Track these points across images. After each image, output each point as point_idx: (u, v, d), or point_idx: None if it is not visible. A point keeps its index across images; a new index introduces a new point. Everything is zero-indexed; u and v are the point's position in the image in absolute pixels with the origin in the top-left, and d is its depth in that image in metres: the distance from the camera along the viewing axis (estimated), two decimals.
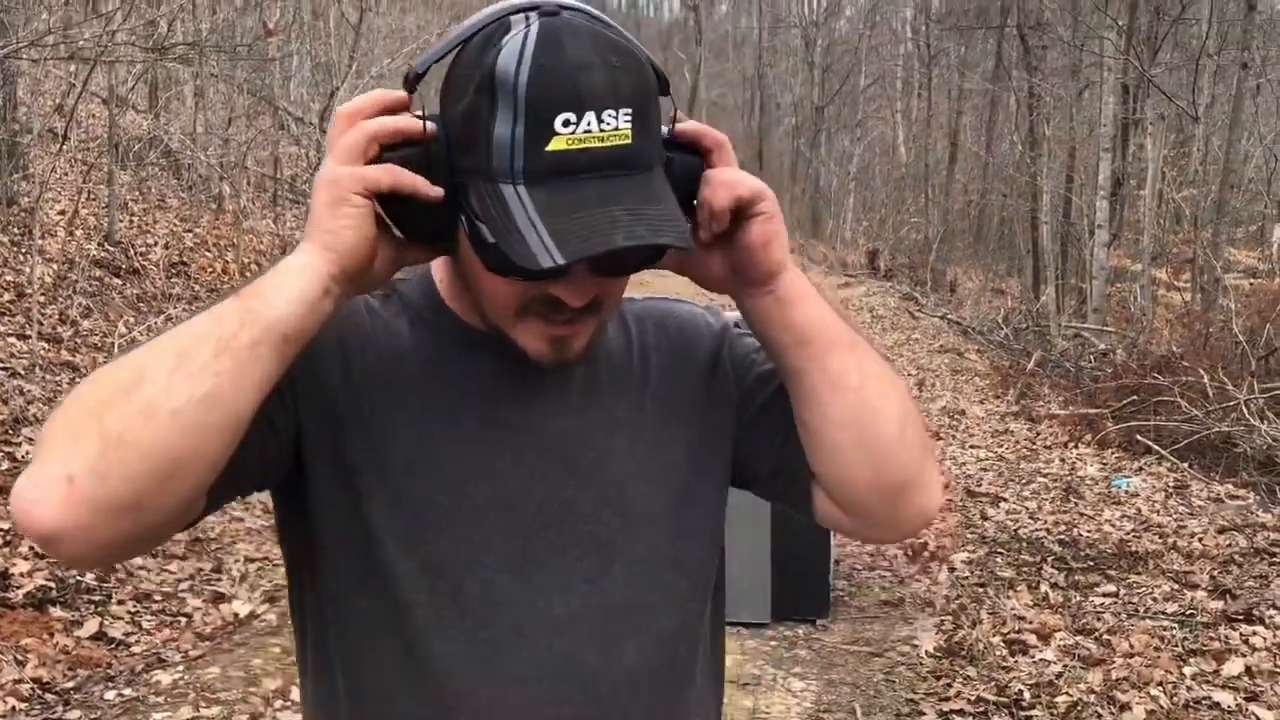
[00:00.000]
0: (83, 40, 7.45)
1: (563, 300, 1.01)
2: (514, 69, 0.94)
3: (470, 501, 1.07)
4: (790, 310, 1.07)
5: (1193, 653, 4.55)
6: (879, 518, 1.13)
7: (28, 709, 3.81)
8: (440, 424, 1.08)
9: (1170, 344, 10.80)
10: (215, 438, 0.92)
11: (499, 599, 1.07)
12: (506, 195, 0.95)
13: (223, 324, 0.93)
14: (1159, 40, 15.89)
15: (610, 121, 0.94)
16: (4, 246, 7.77)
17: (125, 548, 0.96)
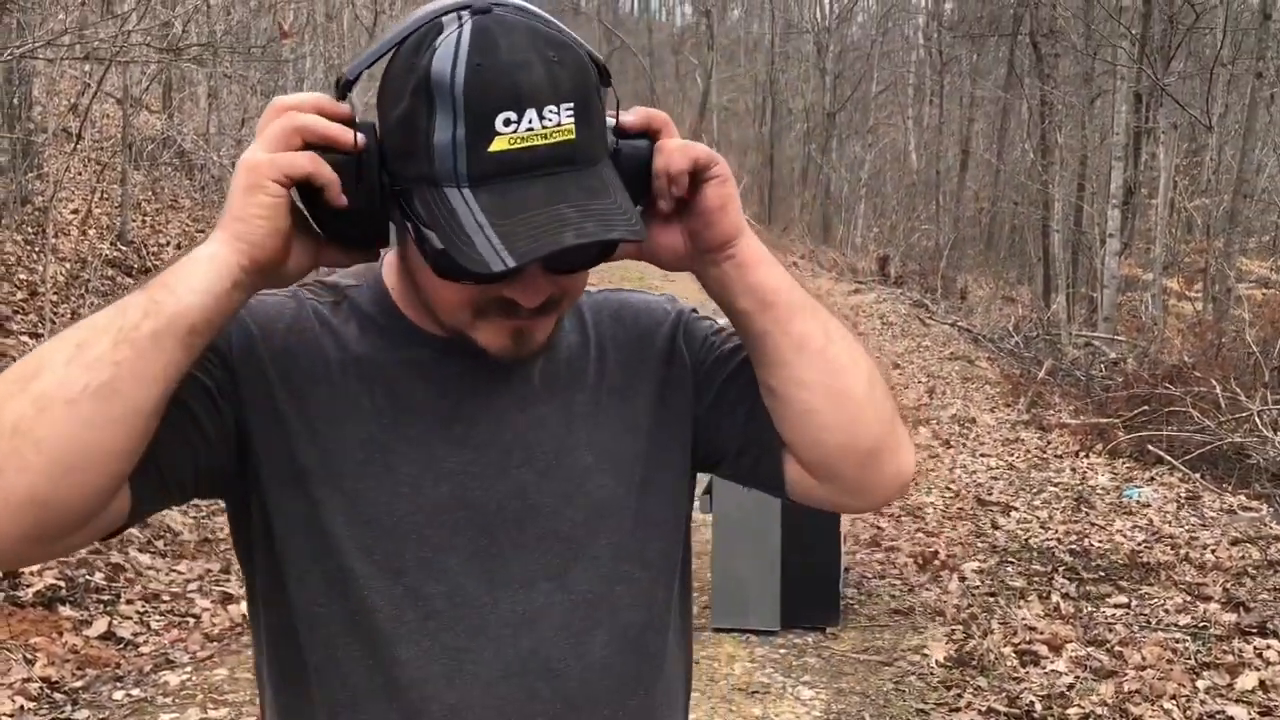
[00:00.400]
0: (98, 40, 7.46)
1: (517, 302, 1.00)
2: (449, 70, 0.92)
3: (429, 501, 1.05)
4: (750, 273, 1.07)
5: (1206, 666, 4.52)
6: (853, 482, 1.12)
7: (36, 708, 3.81)
8: (394, 426, 1.06)
9: (1182, 354, 10.77)
10: (114, 429, 0.89)
11: (461, 600, 1.05)
12: (452, 199, 0.93)
13: (125, 315, 0.91)
14: (1172, 49, 15.85)
15: (552, 118, 0.93)
16: (18, 245, 7.78)
17: (36, 547, 0.93)
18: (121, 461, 0.91)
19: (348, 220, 0.97)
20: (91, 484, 0.90)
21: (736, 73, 37.67)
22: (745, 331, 1.10)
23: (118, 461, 0.91)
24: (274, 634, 1.10)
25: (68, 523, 0.91)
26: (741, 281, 1.07)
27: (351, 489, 1.04)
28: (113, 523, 0.98)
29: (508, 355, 1.05)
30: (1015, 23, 22.97)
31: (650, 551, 1.14)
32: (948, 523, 7.00)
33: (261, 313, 1.07)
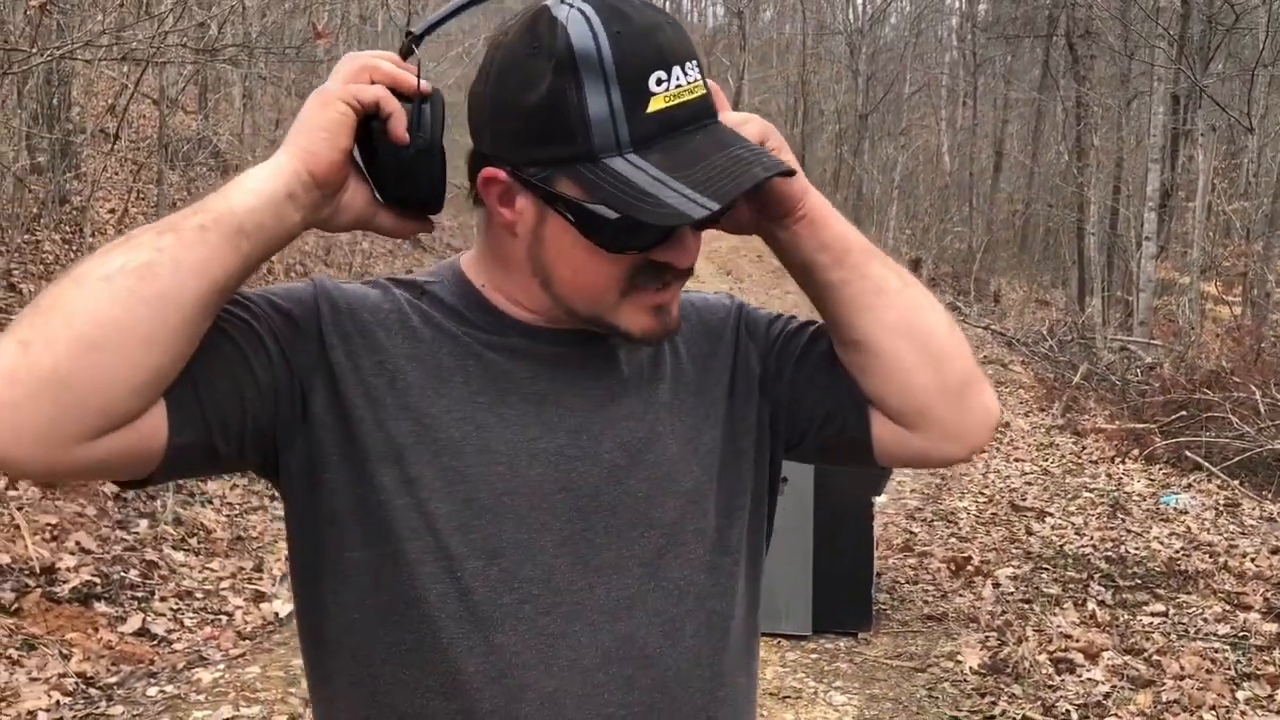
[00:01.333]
0: (135, 42, 7.53)
1: (669, 264, 1.01)
2: (593, 43, 0.93)
3: (525, 482, 1.03)
4: (823, 229, 1.09)
5: (1246, 676, 4.45)
6: (948, 424, 1.12)
7: (71, 703, 3.84)
8: (489, 406, 1.05)
9: (1220, 358, 10.61)
10: (145, 310, 0.87)
11: (558, 584, 1.03)
12: (618, 167, 0.94)
13: (172, 216, 0.93)
14: (1212, 49, 15.64)
15: (692, 73, 0.96)
16: (56, 244, 7.86)
17: (59, 443, 0.87)
18: (149, 353, 0.88)
19: (406, 172, 1.00)
20: (114, 368, 0.87)
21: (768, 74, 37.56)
22: (823, 285, 1.10)
23: (145, 351, 0.88)
24: (347, 616, 1.04)
25: (89, 412, 0.87)
26: (815, 238, 1.09)
27: (448, 465, 1.02)
28: (146, 447, 0.93)
29: (653, 335, 1.06)
30: (1050, 23, 22.78)
31: (732, 540, 1.14)
32: (981, 528, 6.93)
33: (348, 291, 1.07)
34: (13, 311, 6.63)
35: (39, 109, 8.05)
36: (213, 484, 6.10)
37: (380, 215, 1.03)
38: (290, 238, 0.98)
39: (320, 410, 1.02)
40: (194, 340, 0.92)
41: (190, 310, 0.90)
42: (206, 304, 0.92)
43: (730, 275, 20.58)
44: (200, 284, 0.91)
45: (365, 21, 15.48)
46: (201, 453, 0.97)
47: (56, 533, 4.84)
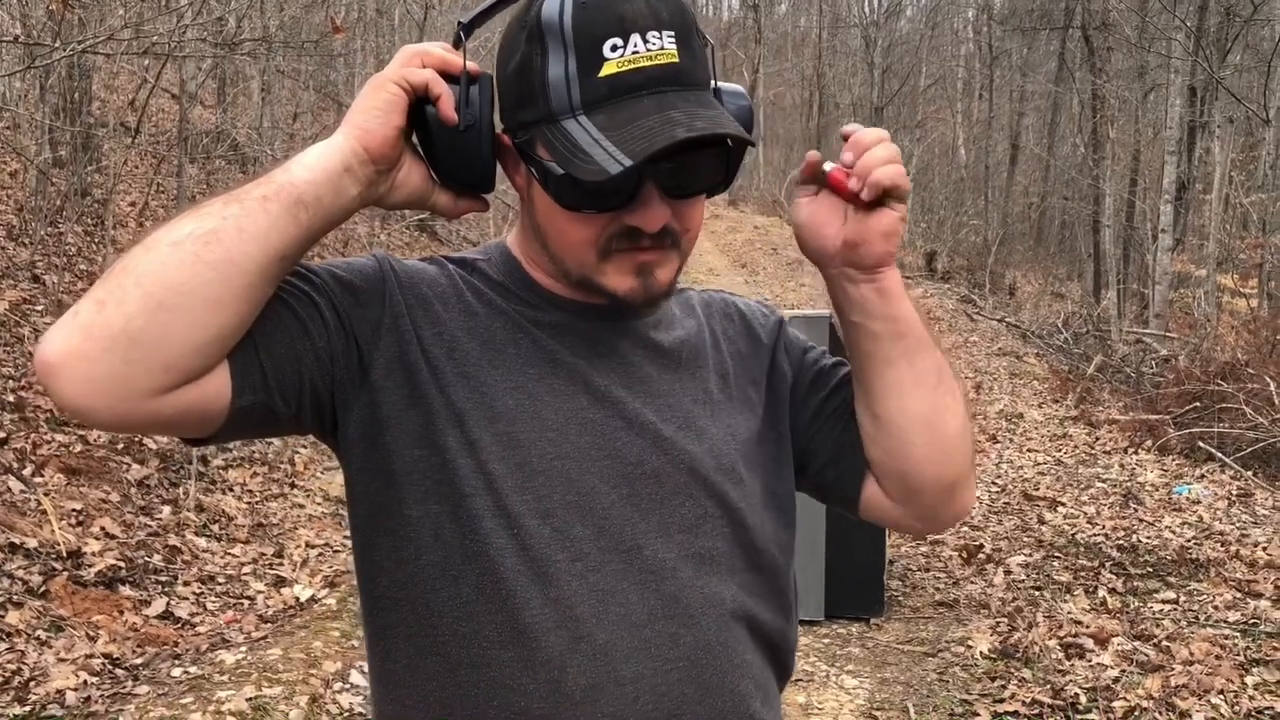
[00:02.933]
0: (155, 36, 7.61)
1: (639, 228, 1.05)
2: (557, 12, 1.01)
3: (574, 448, 1.10)
4: (892, 303, 1.13)
5: (1255, 662, 4.48)
6: (928, 510, 1.20)
7: (99, 682, 3.93)
8: (540, 377, 1.11)
9: (1235, 350, 10.61)
10: (210, 274, 0.94)
11: (606, 544, 1.09)
12: (569, 128, 1.01)
13: (240, 185, 1.00)
14: (1229, 41, 15.58)
15: (655, 41, 1.00)
16: (78, 236, 7.97)
17: (127, 395, 0.94)
18: (213, 314, 0.95)
19: (457, 150, 1.05)
20: (180, 327, 0.94)
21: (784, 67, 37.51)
22: (868, 354, 1.15)
23: (209, 312, 0.95)
24: (406, 571, 1.10)
25: (156, 368, 0.94)
26: (882, 309, 1.13)
27: (505, 431, 1.08)
28: (210, 407, 1.00)
29: (636, 296, 1.09)
30: (1067, 15, 22.70)
31: (769, 522, 1.20)
32: (994, 517, 6.97)
33: (408, 265, 1.15)
34: (37, 303, 6.73)
35: (61, 103, 8.14)
36: (233, 472, 6.18)
37: (437, 194, 1.09)
38: (348, 212, 1.04)
39: (380, 376, 1.08)
40: (256, 304, 0.98)
41: (252, 275, 0.97)
42: (267, 271, 0.98)
43: (745, 268, 20.59)
44: (262, 251, 0.97)
45: (382, 15, 15.56)
46: (262, 414, 1.04)
47: (82, 518, 4.93)
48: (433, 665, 1.10)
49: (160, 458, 5.82)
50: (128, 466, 5.57)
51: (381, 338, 1.08)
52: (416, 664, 1.11)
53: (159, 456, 5.82)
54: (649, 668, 1.08)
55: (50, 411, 5.68)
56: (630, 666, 1.08)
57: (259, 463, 6.48)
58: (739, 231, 24.98)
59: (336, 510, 6.18)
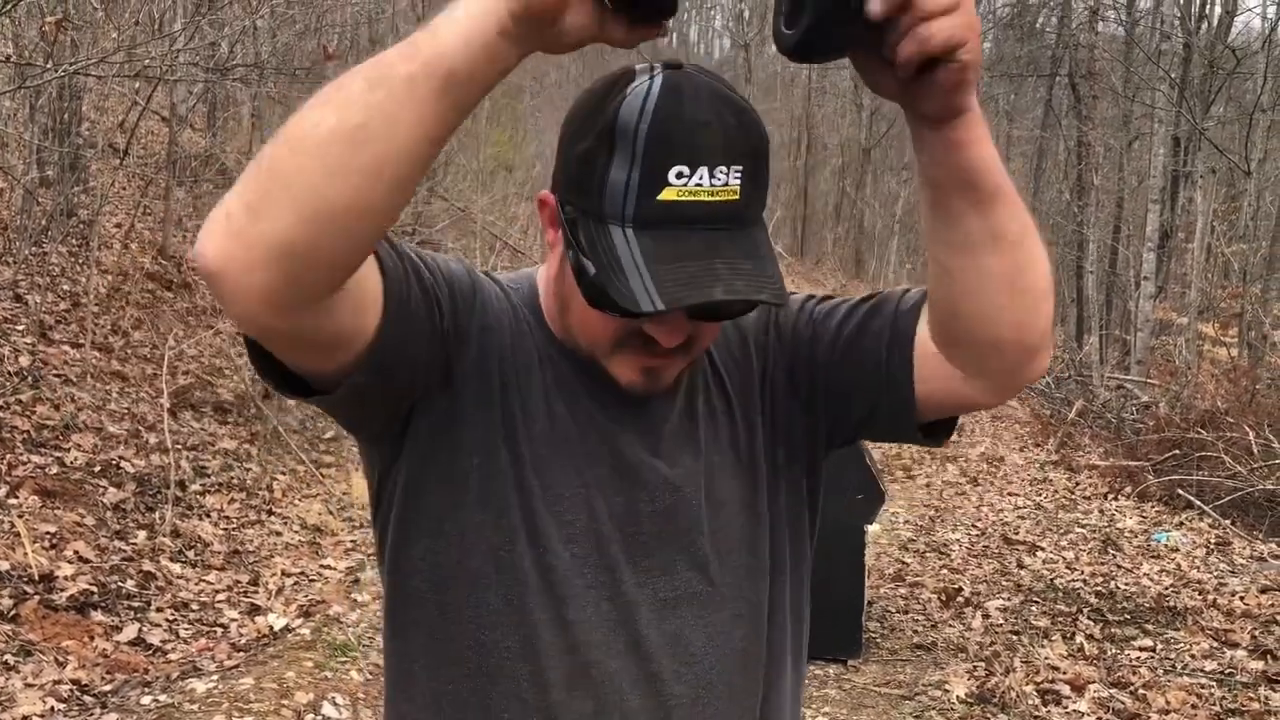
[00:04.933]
0: (147, 60, 7.63)
1: (657, 341, 1.07)
2: (635, 119, 0.98)
3: (596, 480, 1.12)
4: (960, 153, 0.99)
5: (1231, 712, 4.48)
6: (1006, 377, 1.12)
7: (66, 709, 3.87)
8: (566, 408, 1.13)
9: (1215, 399, 10.67)
10: (361, 180, 0.86)
11: (620, 576, 1.11)
12: (614, 236, 0.99)
13: (383, 57, 0.89)
14: (1212, 93, 15.79)
15: (721, 177, 0.98)
16: (63, 256, 7.94)
17: (281, 305, 0.91)
18: (369, 221, 0.89)
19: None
20: (338, 238, 0.88)
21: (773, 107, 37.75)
22: (937, 206, 1.03)
23: (362, 221, 0.89)
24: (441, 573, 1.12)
25: (318, 276, 0.90)
26: (948, 160, 0.99)
27: (541, 453, 1.11)
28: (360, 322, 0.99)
29: (636, 390, 1.11)
30: (1054, 63, 22.98)
31: (776, 547, 1.21)
32: (973, 560, 6.97)
33: (482, 279, 1.18)
34: (19, 322, 6.70)
35: (50, 123, 8.14)
36: (211, 497, 6.14)
37: (609, 25, 0.93)
38: (505, 74, 0.93)
39: (460, 379, 1.10)
40: (409, 193, 0.93)
41: (405, 168, 0.89)
42: (420, 159, 0.90)
43: None
44: (414, 141, 0.88)
45: (375, 45, 15.64)
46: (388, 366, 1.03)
47: (55, 541, 4.88)
48: (450, 670, 1.13)
49: (137, 481, 5.77)
50: (104, 490, 5.52)
51: (468, 343, 1.11)
52: (434, 668, 1.13)
53: (136, 480, 5.77)
54: (654, 700, 1.11)
55: (27, 432, 5.63)
56: (636, 695, 1.11)
57: (237, 488, 6.43)
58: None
59: (314, 539, 6.13)
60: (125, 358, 7.26)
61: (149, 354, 7.48)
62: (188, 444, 6.56)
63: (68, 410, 6.00)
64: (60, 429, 5.83)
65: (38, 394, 6.02)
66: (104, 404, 6.41)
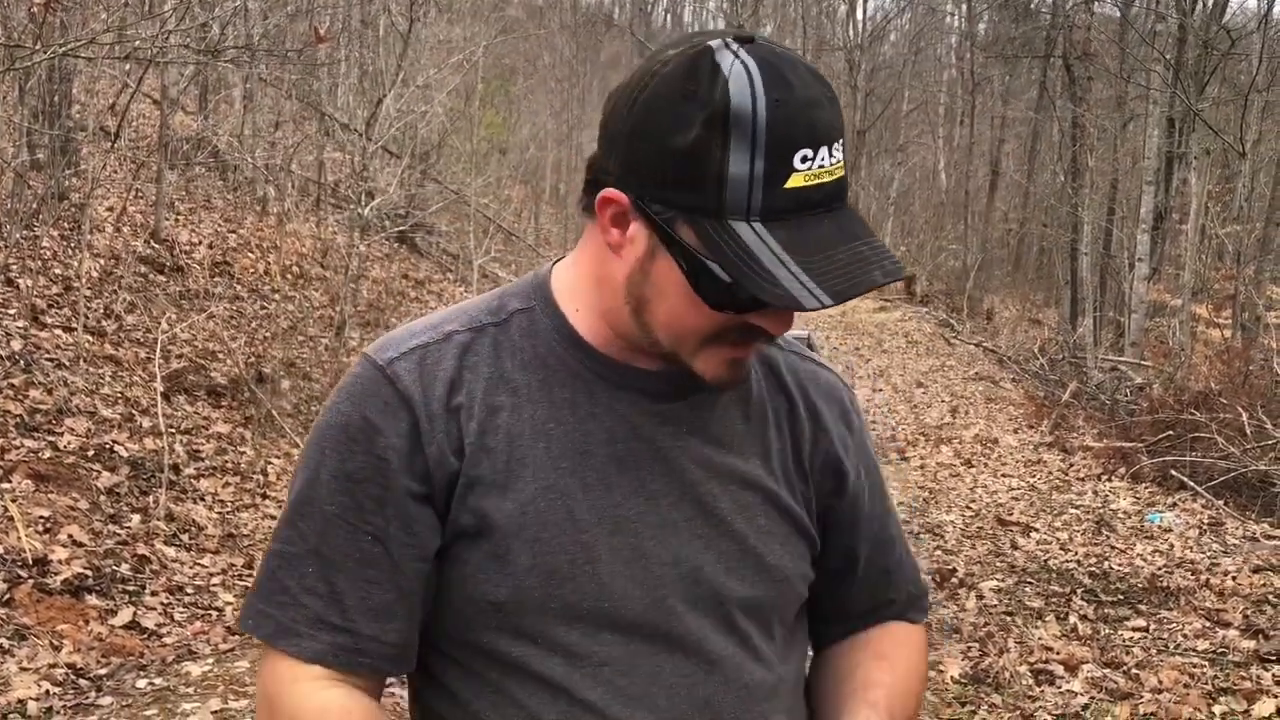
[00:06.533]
0: (138, 41, 7.58)
1: (763, 329, 1.00)
2: (749, 104, 0.91)
3: (606, 549, 1.05)
4: None
5: (1223, 691, 4.50)
6: None
7: (61, 693, 3.87)
8: (571, 471, 1.05)
9: (1209, 380, 10.70)
10: None
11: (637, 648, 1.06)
12: (742, 233, 0.93)
13: None
14: (1207, 74, 15.79)
15: (838, 155, 0.95)
16: (54, 240, 7.91)
17: None
18: None
19: None
20: None
21: None
22: None
23: None
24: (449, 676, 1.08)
25: None
26: None
27: (534, 537, 1.02)
28: None
29: (723, 382, 1.04)
30: (1049, 45, 22.94)
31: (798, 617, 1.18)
32: (967, 541, 6.99)
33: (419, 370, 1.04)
34: (10, 306, 6.67)
35: (40, 106, 8.09)
36: (205, 481, 6.13)
37: None
38: None
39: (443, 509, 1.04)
40: None
41: None
42: None
43: None
44: None
45: (367, 26, 15.57)
46: None
47: (50, 525, 4.88)
48: None
49: (131, 465, 5.76)
50: (98, 474, 5.52)
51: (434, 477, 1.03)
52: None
53: (130, 464, 5.77)
54: None
55: (20, 416, 5.62)
56: None
57: (231, 472, 6.43)
58: None
59: None
60: (118, 341, 7.24)
61: (142, 337, 7.46)
62: (181, 428, 6.56)
63: (60, 394, 5.99)
64: (53, 413, 5.82)
65: (30, 378, 6.01)
66: (97, 388, 6.39)
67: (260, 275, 10.31)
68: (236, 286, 9.69)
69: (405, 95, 12.71)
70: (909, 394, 12.75)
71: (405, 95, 12.71)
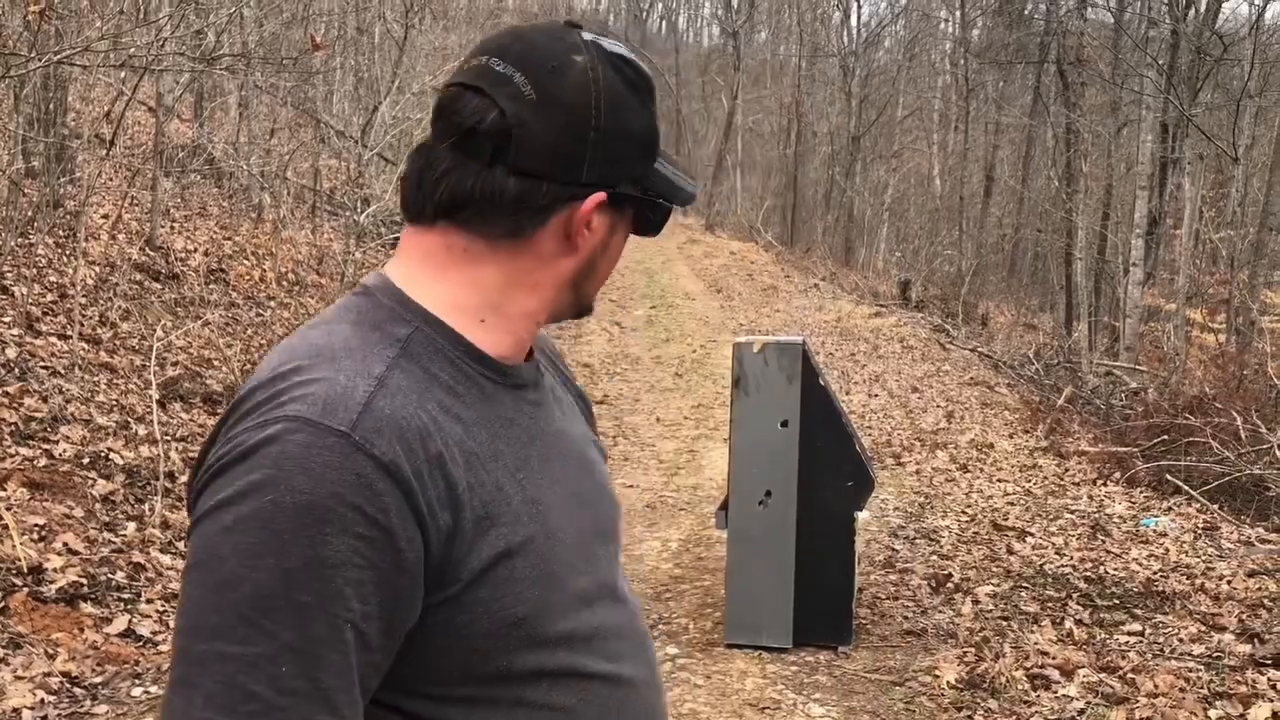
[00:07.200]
0: (133, 49, 7.59)
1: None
2: (646, 71, 1.10)
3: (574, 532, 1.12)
4: None
5: (1219, 695, 4.50)
6: None
7: (56, 701, 3.87)
8: (530, 477, 1.07)
9: (1203, 385, 10.73)
10: None
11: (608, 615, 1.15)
12: (662, 169, 1.11)
13: None
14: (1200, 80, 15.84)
15: None
16: (49, 248, 7.90)
17: None
18: None
19: None
20: None
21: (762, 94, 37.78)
22: None
23: None
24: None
25: None
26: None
27: (528, 550, 1.04)
28: None
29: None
30: (1042, 50, 23.01)
31: None
32: (962, 546, 6.99)
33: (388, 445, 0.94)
34: (5, 314, 6.67)
35: (35, 113, 8.10)
36: None
37: None
38: None
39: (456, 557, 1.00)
40: None
41: None
42: None
43: (720, 293, 20.65)
44: None
45: (362, 33, 15.58)
46: None
47: (45, 533, 4.87)
48: None
49: (126, 473, 5.76)
50: (93, 482, 5.51)
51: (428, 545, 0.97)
52: None
53: (125, 472, 5.76)
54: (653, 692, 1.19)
55: (15, 424, 5.61)
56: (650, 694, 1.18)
57: None
58: (714, 257, 25.07)
59: None
60: (113, 349, 7.24)
61: (137, 345, 7.46)
62: (177, 435, 6.55)
63: (55, 402, 5.98)
64: (48, 421, 5.81)
65: (25, 386, 6.00)
66: (92, 395, 6.39)
67: (256, 282, 10.30)
68: (232, 294, 9.69)
69: (401, 102, 12.72)
70: (904, 399, 12.75)
71: (401, 102, 12.72)
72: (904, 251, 27.39)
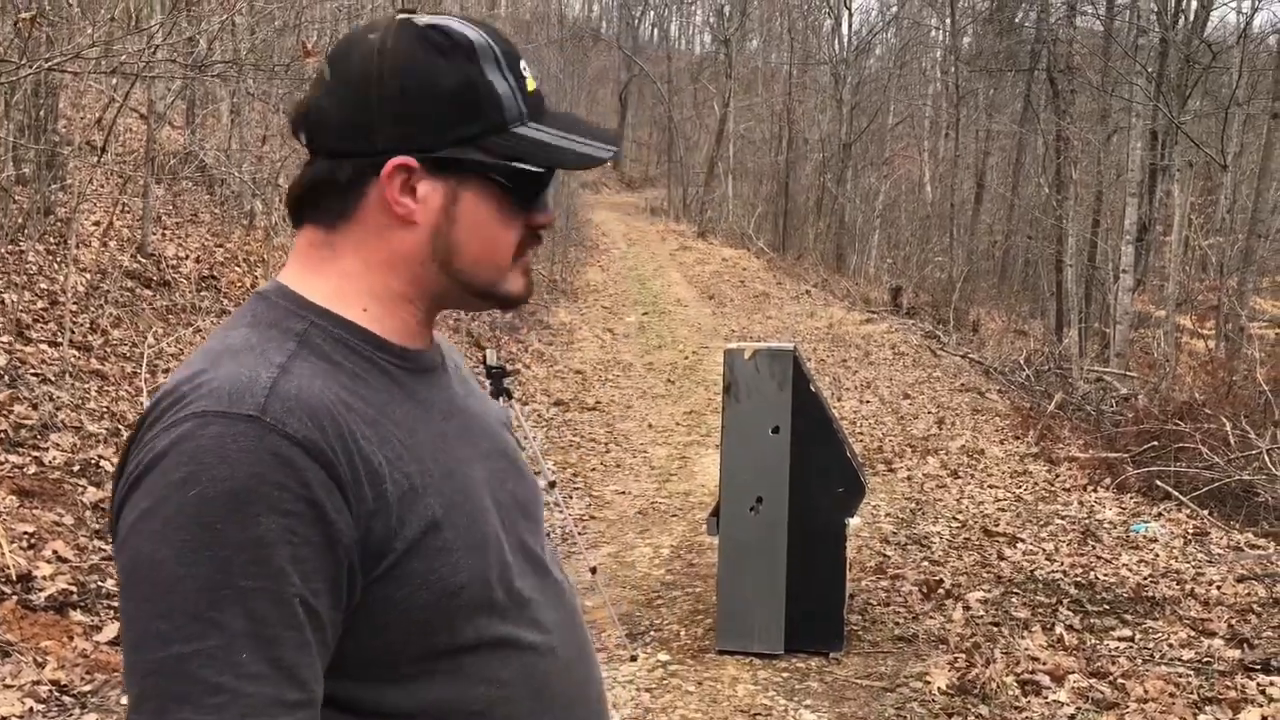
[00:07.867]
0: (124, 56, 7.58)
1: (542, 228, 1.14)
2: (481, 39, 1.07)
3: (504, 506, 1.15)
4: None
5: (1208, 700, 4.52)
6: None
7: (45, 710, 3.85)
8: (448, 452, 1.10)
9: (1193, 391, 10.77)
10: None
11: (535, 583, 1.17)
12: (527, 134, 1.08)
13: None
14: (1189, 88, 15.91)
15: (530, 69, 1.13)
16: (40, 255, 7.88)
17: None
18: None
19: None
20: None
21: (754, 101, 37.83)
22: None
23: None
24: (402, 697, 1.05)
25: None
26: None
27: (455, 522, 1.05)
28: None
29: (527, 294, 1.16)
30: (1032, 58, 23.10)
31: None
32: (953, 552, 7.00)
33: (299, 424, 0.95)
34: None
35: (26, 120, 8.08)
36: None
37: None
38: None
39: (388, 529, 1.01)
40: None
41: None
42: None
43: (713, 300, 20.67)
44: None
45: None
46: None
47: (34, 541, 4.85)
48: None
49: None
50: (83, 489, 5.49)
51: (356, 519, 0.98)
52: None
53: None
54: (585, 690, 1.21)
55: (4, 432, 5.60)
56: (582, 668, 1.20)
57: None
58: (707, 264, 25.09)
59: None
60: (104, 356, 7.22)
61: (128, 352, 7.44)
62: None
63: (46, 409, 5.97)
64: (38, 428, 5.80)
65: (15, 393, 5.99)
66: (83, 403, 6.37)
67: (247, 289, 10.28)
68: (224, 301, 9.67)
69: None
70: (896, 405, 12.77)
71: None
72: (895, 258, 27.47)
